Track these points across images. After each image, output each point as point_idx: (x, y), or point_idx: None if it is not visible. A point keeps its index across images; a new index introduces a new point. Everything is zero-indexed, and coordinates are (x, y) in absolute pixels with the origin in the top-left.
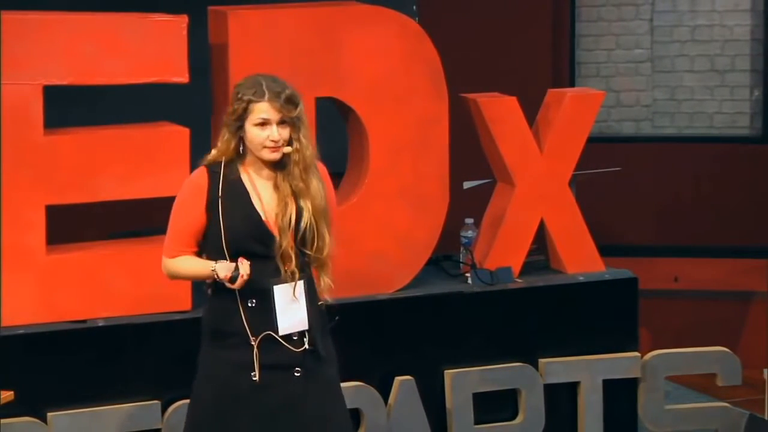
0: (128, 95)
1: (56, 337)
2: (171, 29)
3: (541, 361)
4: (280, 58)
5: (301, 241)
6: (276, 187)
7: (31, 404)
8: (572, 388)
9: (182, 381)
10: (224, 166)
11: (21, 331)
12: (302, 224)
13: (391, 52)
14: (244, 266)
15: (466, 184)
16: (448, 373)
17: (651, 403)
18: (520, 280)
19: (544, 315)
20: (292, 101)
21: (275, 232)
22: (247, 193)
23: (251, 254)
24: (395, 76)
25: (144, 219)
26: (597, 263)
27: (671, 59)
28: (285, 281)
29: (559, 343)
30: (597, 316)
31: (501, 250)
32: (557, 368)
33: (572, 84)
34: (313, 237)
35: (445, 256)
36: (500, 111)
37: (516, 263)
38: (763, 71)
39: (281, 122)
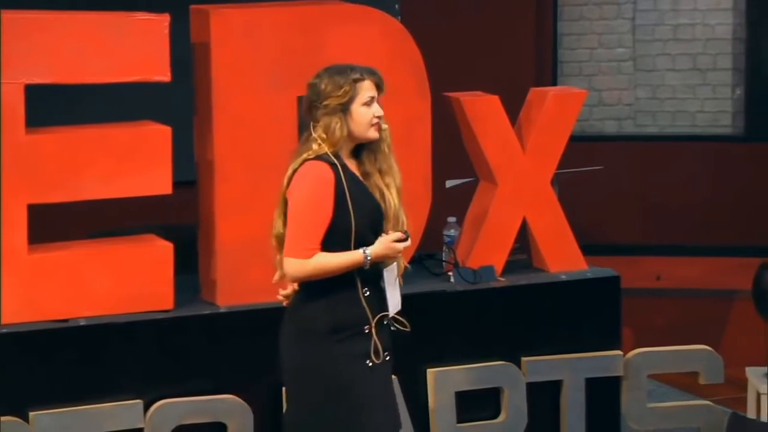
0: (110, 94)
1: (38, 336)
2: (153, 28)
3: (524, 359)
4: (263, 57)
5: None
6: (365, 173)
7: (13, 403)
8: (555, 386)
9: (164, 380)
10: (335, 156)
11: (3, 331)
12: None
13: (374, 51)
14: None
15: (449, 183)
16: (431, 372)
17: (633, 402)
18: (502, 279)
19: (526, 314)
20: (383, 79)
21: (387, 216)
22: (363, 182)
23: (369, 243)
24: None
25: (126, 218)
26: (579, 262)
27: (653, 58)
28: (389, 264)
29: (542, 341)
30: (580, 314)
31: (484, 249)
32: (540, 367)
33: (554, 83)
34: (396, 217)
35: (428, 255)
36: (483, 110)
37: (498, 262)
38: (745, 70)
39: (378, 100)
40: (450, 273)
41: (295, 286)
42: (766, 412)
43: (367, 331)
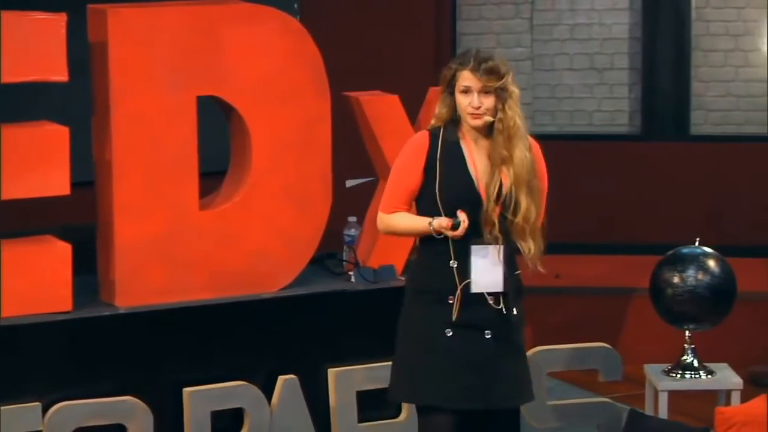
0: (6, 94)
1: None
2: (50, 27)
3: None
4: (161, 57)
5: (503, 206)
6: (489, 155)
7: None
8: None
9: (63, 382)
10: (443, 129)
11: None
12: (504, 191)
13: (273, 50)
14: (464, 215)
15: (349, 183)
16: (332, 372)
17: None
18: (402, 278)
19: None
20: (494, 72)
21: (484, 197)
22: (463, 156)
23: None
24: (277, 75)
25: (24, 219)
26: None
27: (551, 57)
28: (484, 243)
29: None
30: None
31: (384, 249)
32: None
33: None
34: (513, 204)
35: (329, 255)
36: (382, 109)
37: (398, 261)
38: (642, 69)
39: (484, 91)
40: (350, 272)
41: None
42: (663, 408)
43: (450, 301)
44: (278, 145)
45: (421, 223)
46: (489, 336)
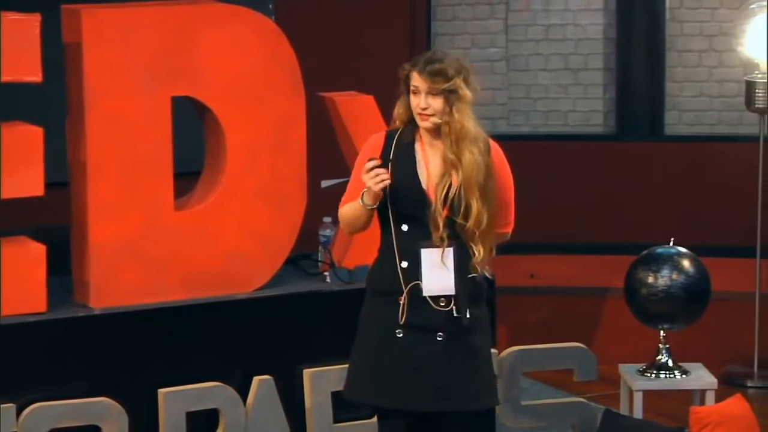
0: None
1: None
2: (24, 28)
3: None
4: (136, 57)
5: (452, 210)
6: (443, 157)
7: None
8: None
9: (38, 384)
10: (400, 131)
11: None
12: (450, 194)
13: (248, 51)
14: (375, 161)
15: (324, 183)
16: (307, 372)
17: (508, 399)
18: None
19: None
20: (440, 74)
21: (432, 199)
22: (414, 158)
23: (410, 217)
24: (252, 76)
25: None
26: None
27: (526, 58)
28: (433, 245)
29: None
30: None
31: (359, 249)
32: None
33: None
34: (463, 208)
35: (304, 255)
36: (357, 109)
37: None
38: (616, 69)
39: (432, 93)
40: (326, 273)
41: None
42: (638, 408)
43: (400, 302)
44: (253, 145)
45: (357, 204)
46: (441, 338)
